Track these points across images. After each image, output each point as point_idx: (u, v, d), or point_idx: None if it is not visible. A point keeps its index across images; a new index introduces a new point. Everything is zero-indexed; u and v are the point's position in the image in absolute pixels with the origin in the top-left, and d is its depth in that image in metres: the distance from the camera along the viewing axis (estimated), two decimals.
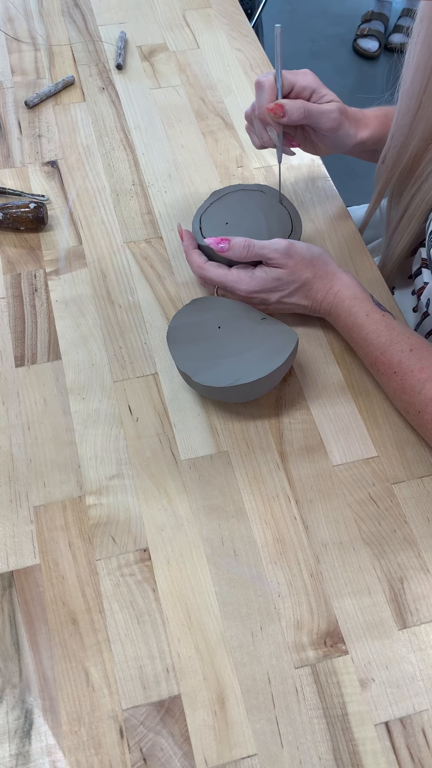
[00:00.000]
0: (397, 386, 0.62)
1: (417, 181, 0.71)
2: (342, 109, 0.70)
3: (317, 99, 0.69)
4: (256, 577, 0.57)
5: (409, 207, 0.73)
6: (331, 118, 0.69)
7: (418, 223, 0.73)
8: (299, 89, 0.69)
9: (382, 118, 0.75)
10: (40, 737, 0.50)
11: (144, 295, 0.73)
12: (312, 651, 0.54)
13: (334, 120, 0.69)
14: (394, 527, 0.59)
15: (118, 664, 0.53)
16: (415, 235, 0.75)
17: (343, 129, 0.71)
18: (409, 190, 0.73)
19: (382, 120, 0.75)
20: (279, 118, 0.67)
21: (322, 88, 0.69)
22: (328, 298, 0.67)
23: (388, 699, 0.52)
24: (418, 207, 0.71)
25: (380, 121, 0.75)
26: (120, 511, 0.59)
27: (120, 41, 0.99)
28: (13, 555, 0.57)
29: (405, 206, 0.74)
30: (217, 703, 0.51)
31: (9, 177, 0.83)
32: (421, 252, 0.75)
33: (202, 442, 0.63)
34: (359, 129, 0.73)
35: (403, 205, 0.74)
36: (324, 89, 0.70)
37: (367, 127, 0.74)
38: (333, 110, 0.69)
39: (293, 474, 0.62)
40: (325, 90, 0.70)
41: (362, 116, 0.74)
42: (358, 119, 0.74)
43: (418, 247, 0.77)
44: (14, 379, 0.67)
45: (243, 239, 0.65)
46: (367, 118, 0.74)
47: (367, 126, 0.74)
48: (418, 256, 0.77)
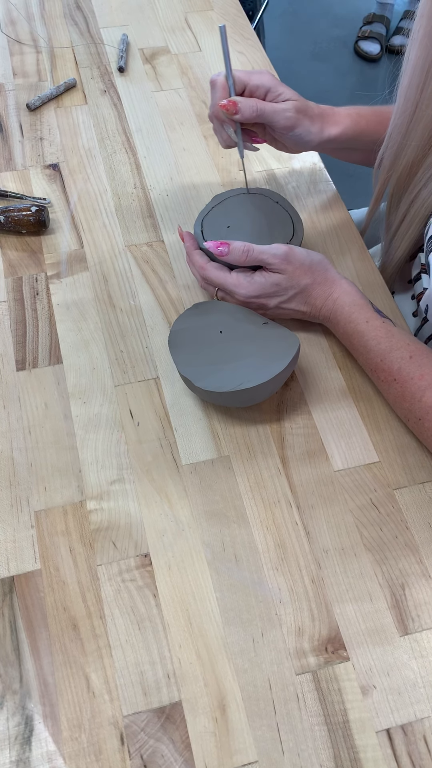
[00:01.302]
0: (398, 393, 0.62)
1: (416, 187, 0.71)
2: (299, 107, 0.70)
3: (273, 98, 0.69)
4: (257, 582, 0.57)
5: (408, 213, 0.73)
6: (285, 117, 0.69)
7: (417, 229, 0.73)
8: (253, 88, 0.69)
9: (355, 116, 0.75)
10: (40, 743, 0.50)
11: (145, 299, 0.73)
12: (313, 657, 0.53)
13: (288, 119, 0.69)
14: (395, 533, 0.59)
15: (118, 670, 0.53)
16: (415, 241, 0.74)
17: (301, 127, 0.71)
18: (407, 196, 0.73)
19: (354, 118, 0.75)
20: (232, 115, 0.67)
21: (278, 87, 0.69)
22: (327, 304, 0.67)
23: (390, 706, 0.52)
24: (417, 213, 0.71)
25: (352, 119, 0.74)
26: (121, 516, 0.59)
27: (122, 44, 0.99)
28: (14, 560, 0.57)
29: (404, 212, 0.74)
30: (218, 710, 0.51)
31: (10, 180, 0.83)
32: (420, 257, 0.75)
33: (204, 447, 0.63)
34: (326, 126, 0.73)
35: (402, 211, 0.74)
36: (281, 88, 0.69)
37: (338, 124, 0.74)
38: (288, 108, 0.69)
39: (294, 479, 0.62)
40: (283, 89, 0.69)
41: (332, 113, 0.74)
42: (326, 116, 0.73)
43: (417, 252, 0.77)
44: (15, 382, 0.67)
45: (242, 244, 0.65)
46: (338, 116, 0.74)
47: (338, 123, 0.74)
48: (417, 260, 0.76)
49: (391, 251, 0.78)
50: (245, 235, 0.71)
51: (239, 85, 0.68)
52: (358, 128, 0.75)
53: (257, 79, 0.68)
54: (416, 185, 0.70)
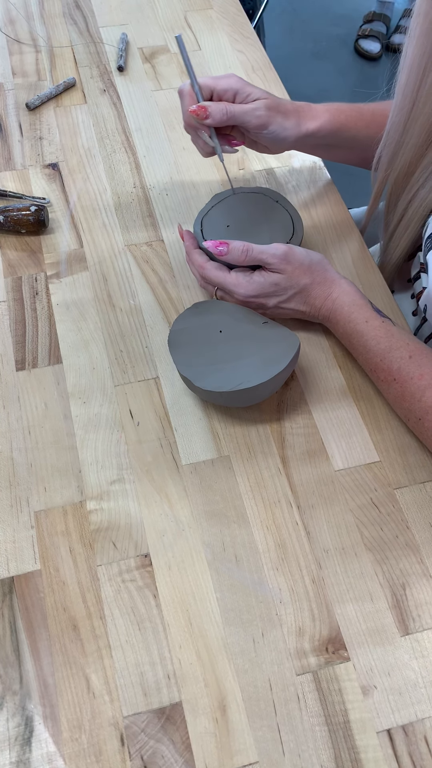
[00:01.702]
0: (397, 393, 0.62)
1: (414, 186, 0.70)
2: (270, 105, 0.69)
3: (242, 99, 0.69)
4: (257, 583, 0.56)
5: (406, 212, 0.73)
6: (256, 116, 0.68)
7: (416, 229, 0.72)
8: (220, 92, 0.68)
9: (334, 111, 0.74)
10: (40, 744, 0.50)
11: (145, 299, 0.73)
12: (314, 658, 0.53)
13: (259, 117, 0.69)
14: (396, 533, 0.59)
15: (119, 671, 0.52)
16: (413, 240, 0.74)
17: (274, 124, 0.70)
18: (405, 195, 0.72)
19: (333, 113, 0.74)
20: (203, 119, 0.67)
21: (246, 87, 0.69)
22: (326, 304, 0.66)
23: (390, 706, 0.52)
24: (416, 213, 0.71)
25: (331, 114, 0.74)
26: (121, 517, 0.59)
27: (121, 43, 0.99)
28: (14, 560, 0.57)
29: (402, 211, 0.73)
30: (218, 710, 0.51)
31: (10, 179, 0.83)
32: (419, 256, 0.75)
33: (204, 447, 0.63)
34: (303, 120, 0.72)
35: (400, 210, 0.74)
36: (249, 88, 0.69)
37: (315, 119, 0.73)
38: (257, 108, 0.68)
39: (295, 479, 0.62)
40: (251, 89, 0.69)
41: (308, 108, 0.73)
42: (302, 111, 0.73)
43: (416, 250, 0.77)
44: (15, 383, 0.66)
45: (242, 243, 0.64)
46: (315, 111, 0.74)
47: (315, 118, 0.73)
48: (416, 260, 0.76)
49: (390, 250, 0.78)
50: (245, 234, 0.70)
51: (206, 91, 0.68)
52: (337, 123, 0.74)
53: (224, 83, 0.68)
54: (414, 185, 0.70)
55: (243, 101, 0.69)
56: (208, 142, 0.71)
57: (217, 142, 0.70)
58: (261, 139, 0.72)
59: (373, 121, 0.76)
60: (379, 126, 0.76)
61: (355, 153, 0.79)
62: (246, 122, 0.69)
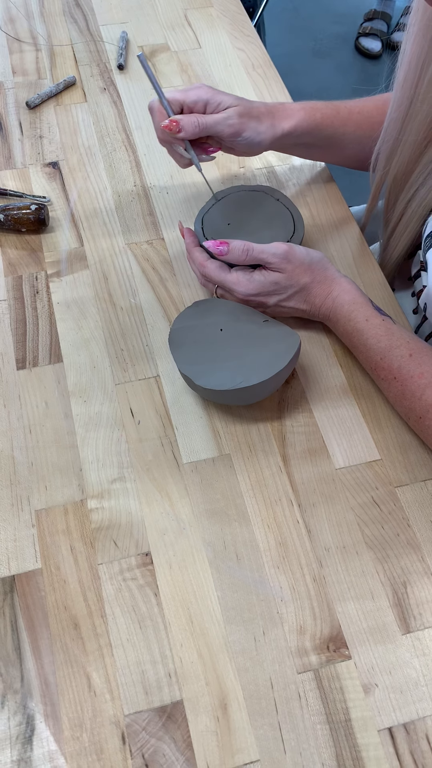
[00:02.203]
0: (398, 392, 0.62)
1: (413, 186, 0.70)
2: (241, 111, 0.68)
3: (213, 108, 0.68)
4: (258, 581, 0.56)
5: (405, 211, 0.73)
6: (228, 124, 0.68)
7: (416, 228, 0.72)
8: (190, 104, 0.67)
9: (309, 109, 0.74)
10: (41, 743, 0.50)
11: (146, 297, 0.73)
12: (315, 656, 0.53)
13: (231, 125, 0.68)
14: (397, 531, 0.59)
15: (120, 669, 0.52)
16: (413, 239, 0.74)
17: (248, 129, 0.69)
18: (405, 195, 0.72)
19: (308, 111, 0.73)
20: (176, 133, 0.66)
21: (216, 96, 0.68)
22: (326, 303, 0.66)
23: (392, 704, 0.52)
24: (415, 212, 0.71)
25: (306, 111, 0.73)
26: (122, 515, 0.59)
27: (121, 41, 0.98)
28: (15, 559, 0.57)
29: (402, 210, 0.73)
30: (219, 709, 0.51)
31: (10, 178, 0.83)
32: (419, 254, 0.75)
33: (204, 446, 0.63)
34: (277, 121, 0.72)
35: (399, 210, 0.74)
36: (219, 97, 0.68)
37: (290, 118, 0.72)
38: (229, 116, 0.67)
39: (296, 477, 0.62)
40: (222, 97, 0.68)
41: (282, 108, 0.73)
42: (276, 112, 0.72)
43: (416, 249, 0.77)
44: (15, 381, 0.66)
45: (242, 243, 0.64)
46: (290, 110, 0.73)
47: (290, 117, 0.72)
48: (416, 258, 0.76)
49: (390, 249, 0.77)
50: (246, 232, 0.70)
51: (176, 105, 0.67)
52: (313, 121, 0.73)
53: (193, 94, 0.67)
54: (414, 184, 0.70)
55: (214, 111, 0.68)
56: (185, 155, 0.70)
57: (193, 154, 0.69)
58: (236, 145, 0.71)
59: (350, 119, 0.75)
60: (356, 124, 0.75)
61: (332, 151, 0.79)
62: (219, 132, 0.68)
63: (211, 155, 0.72)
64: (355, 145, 0.78)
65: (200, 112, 0.68)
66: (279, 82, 0.96)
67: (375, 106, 0.77)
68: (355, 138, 0.76)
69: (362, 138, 0.77)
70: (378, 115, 0.76)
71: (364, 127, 0.76)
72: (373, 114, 0.76)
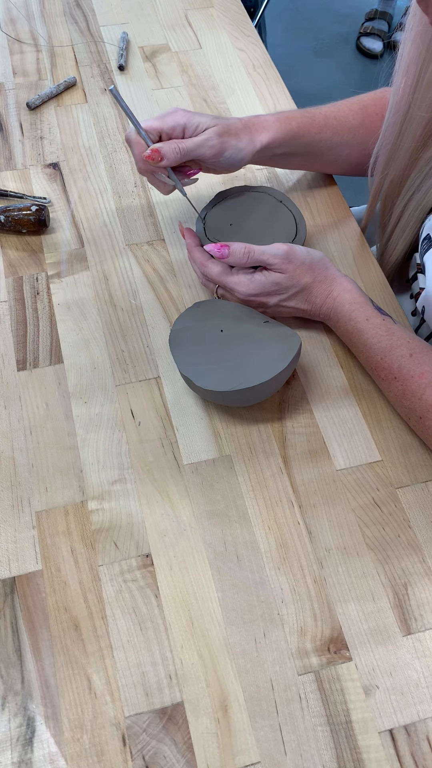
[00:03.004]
0: (398, 392, 0.62)
1: (409, 189, 0.70)
2: (220, 131, 0.67)
3: (192, 132, 0.67)
4: (259, 582, 0.56)
5: (402, 215, 0.73)
6: (209, 146, 0.67)
7: (413, 231, 0.72)
8: (168, 131, 0.66)
9: (284, 119, 0.72)
10: (42, 745, 0.50)
11: (146, 298, 0.73)
12: (315, 657, 0.53)
13: (212, 147, 0.67)
14: (398, 532, 0.59)
15: (120, 671, 0.52)
16: (410, 242, 0.74)
17: (229, 148, 0.68)
18: (401, 199, 0.72)
19: (283, 121, 0.72)
20: (158, 162, 0.65)
21: (194, 118, 0.67)
22: (327, 302, 0.66)
23: (393, 706, 0.52)
24: (412, 216, 0.71)
25: (281, 122, 0.72)
26: (122, 517, 0.59)
27: (122, 42, 0.98)
28: (15, 561, 0.57)
29: (399, 214, 0.73)
30: (220, 711, 0.51)
31: (11, 179, 0.83)
32: (416, 257, 0.75)
33: (205, 447, 0.63)
34: (255, 135, 0.70)
35: (396, 213, 0.74)
36: (196, 119, 0.67)
37: (267, 130, 0.71)
38: (209, 138, 0.67)
39: (296, 478, 0.62)
40: (199, 118, 0.67)
41: (257, 121, 0.71)
42: (252, 126, 0.71)
43: (413, 252, 0.77)
44: (16, 383, 0.66)
45: (243, 245, 0.64)
46: (265, 122, 0.72)
47: (266, 129, 0.71)
48: (413, 260, 0.76)
49: (387, 253, 0.78)
50: (248, 232, 0.70)
51: (154, 133, 0.66)
52: (289, 130, 0.72)
53: (170, 120, 0.66)
54: (410, 188, 0.70)
55: (193, 134, 0.67)
56: (168, 182, 0.69)
57: (176, 180, 0.69)
58: (218, 165, 0.70)
59: (326, 126, 0.75)
60: (333, 130, 0.75)
61: (311, 159, 0.78)
62: (201, 155, 0.67)
63: (192, 178, 0.71)
64: (333, 151, 0.77)
65: (179, 137, 0.67)
66: (280, 83, 0.96)
67: (350, 111, 0.76)
68: (332, 144, 0.76)
69: (339, 144, 0.76)
70: (354, 119, 0.76)
71: (341, 132, 0.76)
72: (349, 118, 0.76)
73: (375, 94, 0.79)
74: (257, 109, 0.92)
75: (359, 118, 0.76)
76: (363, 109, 0.77)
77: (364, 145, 0.77)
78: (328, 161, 0.79)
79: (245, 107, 0.92)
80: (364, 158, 0.78)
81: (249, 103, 0.93)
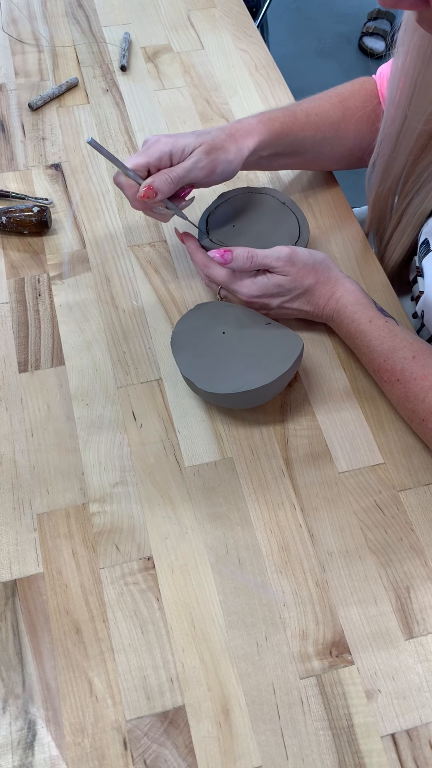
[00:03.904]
0: (401, 394, 0.61)
1: (408, 195, 0.70)
2: (208, 148, 0.66)
3: (179, 157, 0.65)
4: (261, 586, 0.56)
5: (401, 220, 0.73)
6: (200, 168, 0.65)
7: (411, 236, 0.72)
8: (156, 163, 0.64)
9: (266, 121, 0.71)
10: (43, 748, 0.49)
11: (148, 300, 0.73)
12: (317, 661, 0.53)
13: (204, 167, 0.65)
14: (400, 535, 0.59)
15: (121, 674, 0.52)
16: (409, 246, 0.74)
17: (220, 164, 0.67)
18: (399, 205, 0.72)
19: (266, 123, 0.71)
20: (154, 198, 0.63)
21: (177, 142, 0.65)
22: (330, 303, 0.66)
23: (395, 710, 0.51)
24: (410, 221, 0.71)
25: (264, 124, 0.71)
26: (124, 519, 0.59)
27: (124, 42, 0.98)
28: (17, 563, 0.57)
29: (397, 219, 0.73)
30: (221, 714, 0.51)
31: (12, 180, 0.83)
32: (415, 260, 0.75)
33: (207, 449, 0.63)
34: (241, 142, 0.69)
35: (395, 219, 0.74)
36: (180, 142, 0.65)
37: (251, 134, 0.69)
38: (198, 159, 0.65)
39: (298, 481, 0.61)
40: (182, 141, 0.65)
41: (240, 127, 0.69)
42: (235, 134, 0.69)
43: (412, 254, 0.77)
44: (18, 384, 0.66)
45: (245, 250, 0.63)
46: (248, 127, 0.70)
47: (251, 133, 0.69)
48: (413, 264, 0.76)
49: (386, 258, 0.78)
50: (251, 234, 0.70)
51: (142, 170, 0.64)
52: (273, 131, 0.71)
53: (155, 151, 0.64)
54: (408, 193, 0.70)
55: (180, 159, 0.65)
56: (167, 212, 0.68)
57: (174, 206, 0.67)
58: (211, 182, 0.69)
59: (308, 123, 0.74)
60: (315, 127, 0.74)
61: (295, 158, 0.77)
62: (194, 178, 0.66)
63: (188, 199, 0.70)
64: (316, 148, 0.76)
65: (166, 166, 0.65)
66: (282, 83, 0.96)
67: (331, 105, 0.76)
68: (315, 141, 0.75)
69: (322, 141, 0.75)
70: (335, 113, 0.75)
71: (323, 129, 0.75)
72: (330, 113, 0.75)
73: (353, 85, 0.78)
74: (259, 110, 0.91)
75: (340, 112, 0.75)
76: (343, 102, 0.76)
77: (345, 140, 0.77)
78: (312, 159, 0.78)
79: (247, 108, 0.92)
80: (345, 152, 0.78)
81: (251, 104, 0.93)
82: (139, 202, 0.65)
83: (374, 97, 0.77)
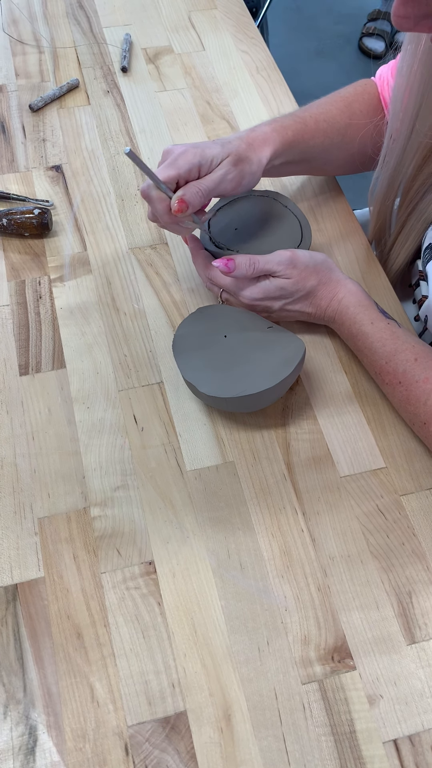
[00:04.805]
0: (402, 397, 0.61)
1: (412, 201, 0.70)
2: (235, 159, 0.64)
3: (207, 168, 0.63)
4: (262, 590, 0.56)
5: (404, 226, 0.72)
6: (229, 180, 0.64)
7: (414, 241, 0.72)
8: (185, 175, 0.62)
9: (279, 129, 0.70)
10: (44, 754, 0.49)
11: (149, 302, 0.73)
12: (319, 666, 0.53)
13: (232, 180, 0.64)
14: (402, 540, 0.59)
15: (123, 680, 0.52)
16: (412, 251, 0.74)
17: (246, 176, 0.66)
18: (403, 211, 0.72)
19: (279, 131, 0.70)
20: (186, 211, 0.61)
21: (206, 153, 0.63)
22: (332, 305, 0.66)
23: (397, 716, 0.51)
24: (414, 226, 0.71)
25: (278, 132, 0.70)
26: (125, 523, 0.59)
27: (125, 43, 0.98)
28: (17, 567, 0.57)
29: (401, 225, 0.73)
30: (223, 720, 0.51)
31: (13, 182, 0.83)
32: (418, 264, 0.75)
33: (208, 453, 0.63)
34: (260, 152, 0.67)
35: (398, 225, 0.74)
36: (208, 152, 0.63)
37: (267, 144, 0.68)
38: (227, 171, 0.64)
39: (300, 485, 0.61)
40: (210, 152, 0.63)
41: (256, 136, 0.68)
42: (253, 143, 0.68)
43: (415, 258, 0.76)
44: (18, 388, 0.66)
45: (247, 257, 0.63)
46: (263, 135, 0.69)
47: (267, 142, 0.68)
48: (416, 267, 0.76)
49: (390, 262, 0.77)
50: (253, 238, 0.70)
51: (171, 183, 0.62)
52: (286, 140, 0.70)
53: (183, 163, 0.62)
54: (412, 200, 0.70)
55: (209, 170, 0.64)
56: (192, 226, 0.67)
57: (198, 219, 0.66)
58: (235, 193, 0.67)
59: (317, 130, 0.73)
60: (324, 133, 0.74)
61: (302, 166, 0.77)
62: (223, 190, 0.65)
63: (208, 211, 0.69)
64: (324, 155, 0.76)
65: (195, 178, 0.63)
66: (283, 85, 0.95)
67: (338, 110, 0.75)
68: (323, 148, 0.74)
69: (330, 147, 0.75)
70: (341, 119, 0.75)
71: (331, 135, 0.74)
72: (337, 119, 0.75)
73: (356, 88, 0.78)
74: (261, 112, 0.92)
75: (346, 117, 0.75)
76: (348, 106, 0.76)
77: (350, 145, 0.77)
78: (318, 165, 0.78)
79: (248, 110, 0.92)
80: (348, 158, 0.78)
81: (252, 106, 0.92)
82: (168, 216, 0.63)
83: (377, 101, 0.77)
